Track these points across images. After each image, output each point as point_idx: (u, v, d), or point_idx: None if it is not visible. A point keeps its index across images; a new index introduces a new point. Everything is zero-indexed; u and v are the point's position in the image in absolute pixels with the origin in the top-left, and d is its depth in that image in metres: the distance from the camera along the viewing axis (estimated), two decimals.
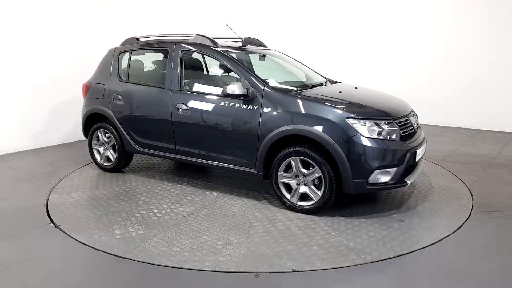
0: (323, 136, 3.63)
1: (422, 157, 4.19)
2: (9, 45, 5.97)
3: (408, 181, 3.77)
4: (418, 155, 3.90)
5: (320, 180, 3.74)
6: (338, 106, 3.74)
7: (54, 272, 2.94)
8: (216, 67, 4.72)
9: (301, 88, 4.26)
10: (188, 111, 4.35)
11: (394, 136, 3.69)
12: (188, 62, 4.77)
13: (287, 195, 3.93)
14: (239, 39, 4.96)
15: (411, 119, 4.09)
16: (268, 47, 5.47)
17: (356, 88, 4.57)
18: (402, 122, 3.86)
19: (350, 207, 4.02)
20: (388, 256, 3.09)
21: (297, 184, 3.86)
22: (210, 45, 4.48)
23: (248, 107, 3.99)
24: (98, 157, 5.22)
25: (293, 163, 3.81)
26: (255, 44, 5.26)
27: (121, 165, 5.13)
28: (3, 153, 6.02)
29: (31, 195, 4.39)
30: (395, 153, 3.64)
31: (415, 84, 8.52)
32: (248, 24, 9.05)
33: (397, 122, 3.78)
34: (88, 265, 3.10)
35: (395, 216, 3.83)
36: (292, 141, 3.87)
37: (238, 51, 4.66)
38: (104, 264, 3.03)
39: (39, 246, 3.30)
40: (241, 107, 4.02)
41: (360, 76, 8.80)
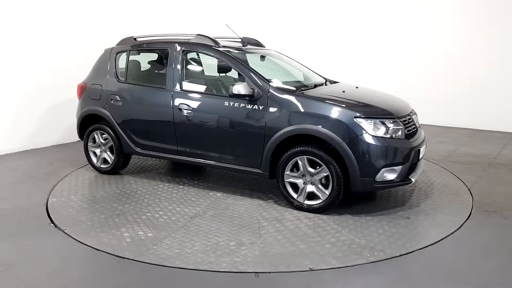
0: (331, 135, 3.65)
1: (423, 156, 4.26)
2: (8, 46, 5.88)
3: (412, 179, 3.84)
4: (421, 153, 3.97)
5: (327, 179, 3.76)
6: (345, 106, 3.77)
7: (54, 272, 2.91)
8: (218, 67, 4.67)
9: (305, 88, 4.28)
10: (191, 112, 4.30)
11: (400, 135, 3.75)
12: (190, 62, 4.72)
13: (294, 195, 3.93)
14: (238, 39, 4.94)
15: (413, 118, 4.17)
16: (266, 47, 5.47)
17: (357, 88, 4.62)
18: (406, 121, 3.93)
19: (356, 205, 4.06)
20: (401, 253, 3.13)
21: (304, 184, 3.87)
22: (212, 45, 4.45)
23: (254, 107, 3.98)
24: (95, 159, 5.10)
25: (300, 163, 3.82)
26: (253, 44, 5.25)
27: (119, 167, 5.03)
28: (2, 153, 5.93)
29: (31, 195, 4.33)
30: (401, 151, 3.70)
31: (415, 84, 8.44)
32: (247, 24, 8.89)
33: (402, 121, 3.84)
34: (88, 265, 3.08)
35: (400, 214, 3.89)
36: (297, 141, 3.88)
37: (239, 51, 4.64)
38: (105, 265, 3.00)
39: (39, 246, 3.27)
40: (246, 107, 4.01)
41: (360, 76, 8.68)
